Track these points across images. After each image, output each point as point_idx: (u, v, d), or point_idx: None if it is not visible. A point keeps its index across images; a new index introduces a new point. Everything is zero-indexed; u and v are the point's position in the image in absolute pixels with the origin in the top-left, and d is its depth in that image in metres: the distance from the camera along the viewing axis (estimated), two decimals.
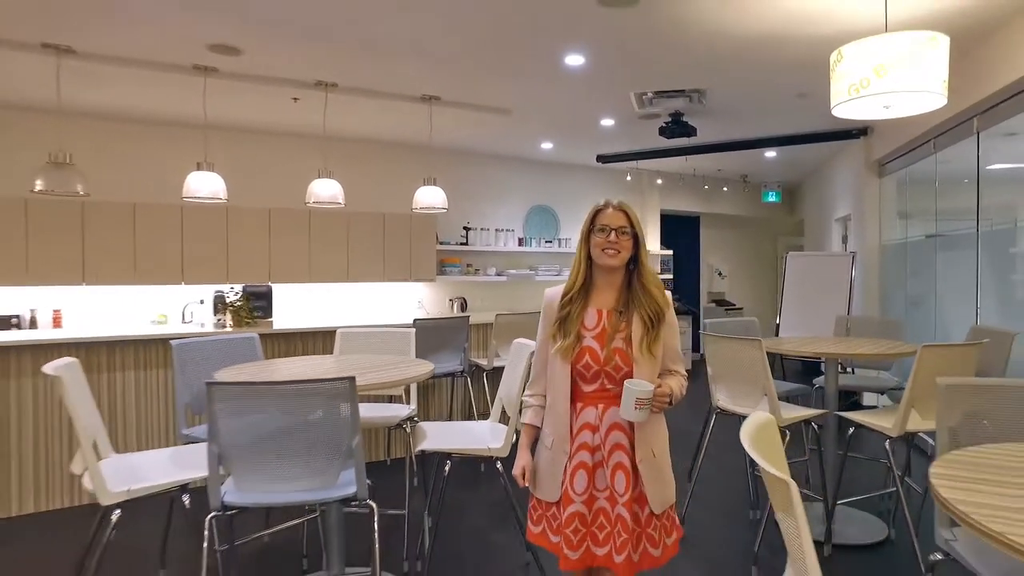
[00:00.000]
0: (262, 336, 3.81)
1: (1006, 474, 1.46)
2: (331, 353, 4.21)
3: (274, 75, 4.88)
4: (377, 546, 2.39)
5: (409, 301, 7.57)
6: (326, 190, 5.08)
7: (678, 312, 8.49)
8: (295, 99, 5.52)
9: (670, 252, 9.62)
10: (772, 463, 1.22)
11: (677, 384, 1.91)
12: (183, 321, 6.39)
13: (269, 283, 6.37)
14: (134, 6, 3.62)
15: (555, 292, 2.02)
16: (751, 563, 3.17)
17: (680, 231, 10.28)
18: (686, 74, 4.85)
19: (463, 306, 7.65)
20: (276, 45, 4.26)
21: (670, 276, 9.68)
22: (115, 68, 4.60)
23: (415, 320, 4.86)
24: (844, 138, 6.62)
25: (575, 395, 1.92)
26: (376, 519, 2.33)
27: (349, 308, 7.15)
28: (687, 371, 2.03)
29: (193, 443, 2.93)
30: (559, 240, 8.45)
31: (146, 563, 3.12)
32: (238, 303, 4.90)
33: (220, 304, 6.32)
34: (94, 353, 4.18)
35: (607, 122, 6.26)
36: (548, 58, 4.48)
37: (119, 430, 4.27)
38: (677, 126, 5.91)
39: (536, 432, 2.02)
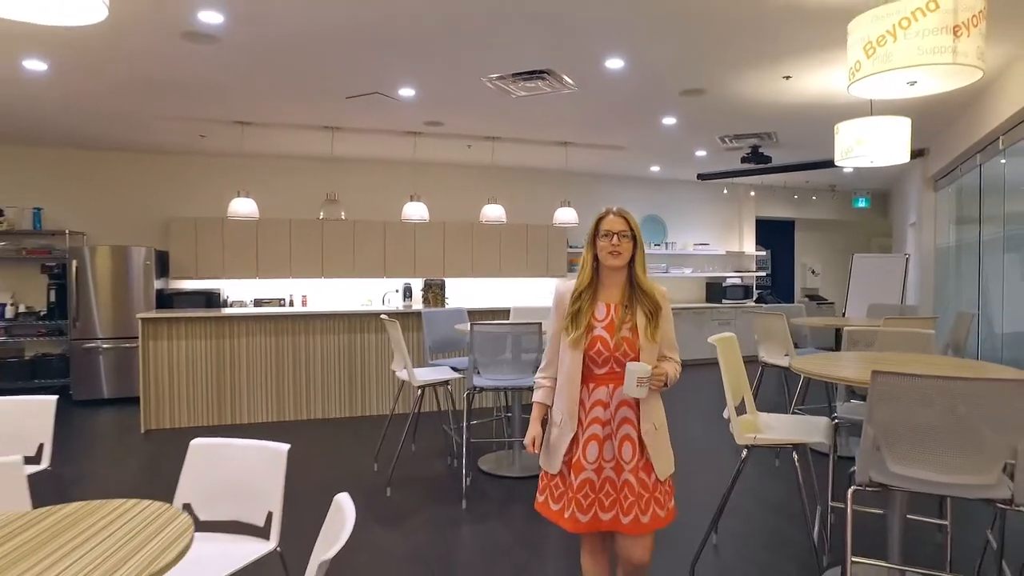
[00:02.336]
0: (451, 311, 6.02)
1: (839, 360, 3.24)
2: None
3: (460, 133, 7.12)
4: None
5: (545, 291, 9.68)
6: (494, 212, 7.26)
7: (770, 304, 10.08)
8: (468, 146, 7.76)
9: (763, 253, 11.16)
10: (724, 350, 3.12)
11: (672, 368, 2.19)
12: (382, 304, 8.83)
13: (443, 277, 8.68)
14: (387, 107, 5.92)
15: (566, 288, 2.28)
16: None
17: (776, 234, 11.76)
18: (754, 124, 6.61)
19: None
20: (466, 118, 6.47)
21: (765, 273, 11.22)
22: (362, 135, 7.02)
23: None
24: None
25: (588, 377, 2.18)
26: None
27: (500, 295, 9.37)
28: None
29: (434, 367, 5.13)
30: (667, 243, 10.27)
31: (403, 439, 5.37)
32: (436, 289, 7.18)
33: (408, 292, 8.72)
34: (356, 319, 6.58)
35: (700, 153, 8.07)
36: (650, 120, 6.42)
37: (385, 361, 6.64)
38: (755, 156, 7.62)
39: (545, 409, 2.27)
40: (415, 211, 7.04)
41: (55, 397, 2.99)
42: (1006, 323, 5.31)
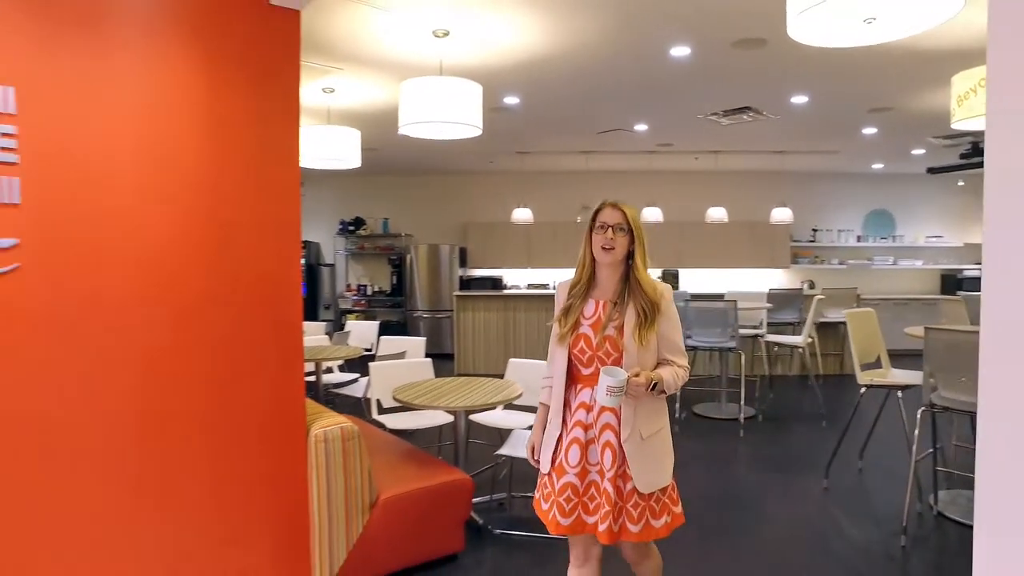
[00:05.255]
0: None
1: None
2: None
3: (685, 150, 8.69)
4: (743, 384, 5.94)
5: (770, 281, 10.77)
6: (717, 213, 8.74)
7: None
8: (696, 158, 9.28)
9: None
10: (854, 321, 4.42)
11: (670, 373, 2.05)
12: None
13: (678, 268, 10.27)
14: (627, 136, 7.74)
15: (565, 283, 2.20)
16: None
17: None
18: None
19: (811, 285, 10.55)
20: (692, 140, 8.05)
21: None
22: (609, 155, 8.96)
23: (769, 289, 8.21)
24: None
25: (575, 377, 2.11)
26: (742, 359, 5.92)
27: (726, 283, 10.69)
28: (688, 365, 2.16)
29: None
30: (894, 236, 10.70)
31: None
32: (670, 277, 8.85)
33: None
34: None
35: (917, 151, 8.65)
36: (850, 131, 7.43)
37: None
38: (974, 151, 8.04)
39: (548, 410, 2.19)
40: (652, 214, 8.78)
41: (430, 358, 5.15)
42: None
